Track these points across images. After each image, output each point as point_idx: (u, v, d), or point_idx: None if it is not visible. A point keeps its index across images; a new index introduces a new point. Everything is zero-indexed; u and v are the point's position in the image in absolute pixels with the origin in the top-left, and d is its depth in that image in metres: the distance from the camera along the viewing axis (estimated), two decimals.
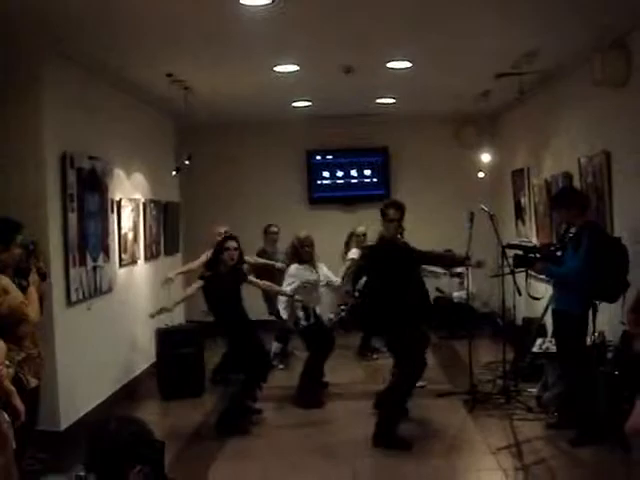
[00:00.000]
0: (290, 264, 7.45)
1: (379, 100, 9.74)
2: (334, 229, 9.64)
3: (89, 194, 6.76)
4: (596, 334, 5.93)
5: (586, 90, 6.77)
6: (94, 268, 6.83)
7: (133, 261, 8.24)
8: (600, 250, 5.58)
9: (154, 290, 8.73)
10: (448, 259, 7.34)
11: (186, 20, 5.56)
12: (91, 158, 6.80)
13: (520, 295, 6.89)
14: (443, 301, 10.38)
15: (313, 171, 11.61)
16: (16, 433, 3.65)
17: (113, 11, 5.23)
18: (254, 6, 5.17)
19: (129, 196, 8.10)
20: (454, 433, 6.23)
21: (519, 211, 9.88)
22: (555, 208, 6.45)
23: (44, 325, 5.31)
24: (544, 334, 7.31)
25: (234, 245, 6.49)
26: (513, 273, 6.87)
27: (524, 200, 9.59)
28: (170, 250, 9.87)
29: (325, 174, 11.65)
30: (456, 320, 9.76)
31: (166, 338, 7.78)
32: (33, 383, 4.65)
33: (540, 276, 6.72)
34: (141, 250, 8.61)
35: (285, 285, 7.32)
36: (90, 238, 6.76)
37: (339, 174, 11.64)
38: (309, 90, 8.98)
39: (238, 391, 6.53)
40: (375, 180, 11.58)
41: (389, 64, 7.34)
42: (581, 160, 7.10)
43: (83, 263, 6.56)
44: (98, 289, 6.92)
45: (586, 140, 7.15)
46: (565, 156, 7.75)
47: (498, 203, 10.23)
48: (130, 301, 8.03)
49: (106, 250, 7.18)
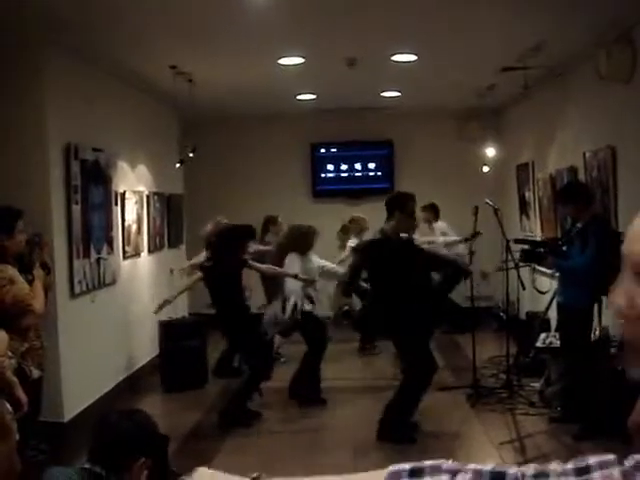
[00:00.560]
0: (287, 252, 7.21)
1: (384, 93, 9.71)
2: (337, 222, 9.61)
3: (93, 186, 6.76)
4: (599, 329, 5.92)
5: (591, 85, 6.75)
6: (98, 260, 6.84)
7: (137, 253, 8.24)
8: (608, 244, 5.56)
9: (158, 282, 8.75)
10: (451, 267, 7.11)
11: (190, 11, 5.55)
12: (95, 150, 6.80)
13: (524, 289, 6.87)
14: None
15: (317, 164, 11.59)
16: (19, 424, 3.65)
17: (116, 2, 5.23)
18: None
19: (133, 188, 8.10)
20: (457, 427, 6.24)
21: (523, 206, 9.85)
22: (562, 202, 6.35)
23: (48, 317, 5.32)
24: (548, 329, 7.30)
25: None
26: (517, 267, 6.87)
27: (528, 194, 9.57)
28: (174, 242, 9.86)
29: (329, 167, 11.64)
30: (457, 314, 9.71)
31: (169, 330, 7.79)
32: (36, 374, 4.65)
33: (545, 270, 6.71)
34: (145, 242, 8.61)
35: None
36: (94, 230, 6.77)
37: (343, 167, 11.62)
38: (314, 83, 8.96)
39: (241, 386, 6.55)
40: (379, 173, 11.56)
41: (394, 57, 7.32)
42: (586, 154, 7.08)
43: (87, 255, 6.57)
44: (102, 281, 6.93)
45: (591, 134, 7.13)
46: (570, 151, 7.72)
47: (502, 197, 10.19)
48: (134, 293, 8.04)
49: (110, 242, 7.18)
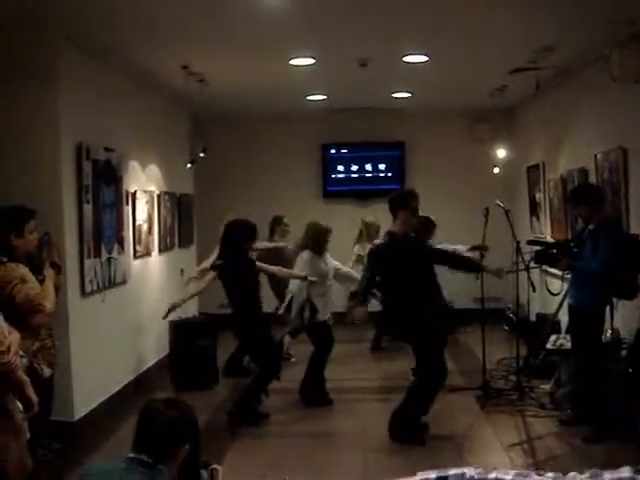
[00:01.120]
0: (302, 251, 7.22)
1: (395, 94, 9.70)
2: (347, 223, 9.60)
3: (104, 185, 6.79)
4: (610, 330, 5.90)
5: (603, 85, 6.72)
6: (108, 259, 6.86)
7: (147, 253, 8.26)
8: (620, 247, 5.54)
9: (168, 282, 8.77)
10: (462, 262, 6.76)
11: (202, 11, 5.56)
12: (107, 150, 6.82)
13: (534, 291, 6.85)
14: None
15: (328, 165, 11.59)
16: (30, 423, 3.67)
17: (129, 2, 5.25)
18: None
19: (144, 188, 8.12)
20: (466, 429, 6.22)
21: (534, 207, 9.82)
22: (573, 204, 6.26)
23: (59, 316, 5.33)
24: (558, 331, 7.28)
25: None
26: (528, 269, 6.84)
27: (539, 196, 9.54)
28: (184, 242, 9.89)
29: (340, 168, 11.63)
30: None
31: (180, 330, 7.82)
32: (47, 373, 4.67)
33: (556, 272, 6.68)
34: (155, 242, 8.63)
35: (297, 270, 7.11)
36: (105, 229, 6.79)
37: (354, 168, 11.61)
38: (325, 83, 8.96)
39: (249, 386, 6.57)
40: (390, 174, 11.54)
41: (405, 58, 7.31)
42: (597, 156, 7.05)
43: (98, 254, 6.59)
44: (112, 280, 6.95)
45: (602, 136, 7.10)
46: (581, 152, 7.70)
47: (513, 199, 10.17)
48: (144, 293, 8.07)
49: (121, 242, 7.20)
